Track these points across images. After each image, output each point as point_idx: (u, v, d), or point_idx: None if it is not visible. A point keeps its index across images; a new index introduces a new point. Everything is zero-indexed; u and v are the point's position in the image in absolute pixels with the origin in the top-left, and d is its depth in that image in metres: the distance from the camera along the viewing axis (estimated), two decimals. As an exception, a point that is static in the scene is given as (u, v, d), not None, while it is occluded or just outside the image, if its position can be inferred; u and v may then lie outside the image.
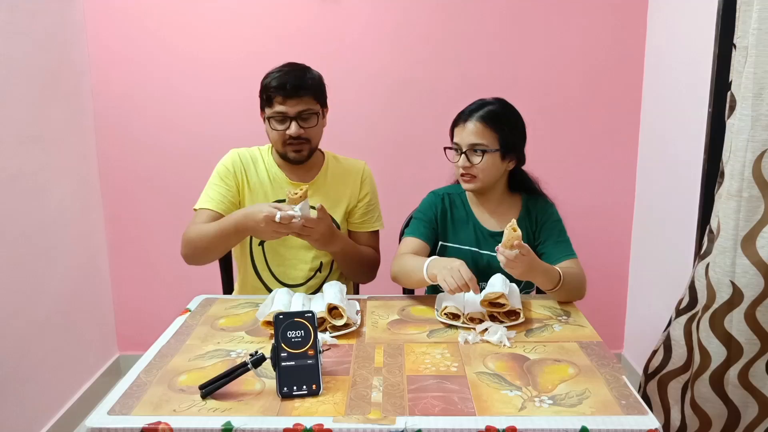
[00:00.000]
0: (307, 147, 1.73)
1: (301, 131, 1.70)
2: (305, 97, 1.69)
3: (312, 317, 1.21)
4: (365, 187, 1.87)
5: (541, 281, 1.55)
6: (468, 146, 1.65)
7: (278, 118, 1.70)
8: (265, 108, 1.72)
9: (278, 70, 1.71)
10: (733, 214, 1.49)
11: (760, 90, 1.42)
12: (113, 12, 2.51)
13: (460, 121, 1.68)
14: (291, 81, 1.67)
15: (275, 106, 1.68)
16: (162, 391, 1.17)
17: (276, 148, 1.77)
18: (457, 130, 1.68)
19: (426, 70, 2.55)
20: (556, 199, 1.80)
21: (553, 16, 2.52)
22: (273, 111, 1.69)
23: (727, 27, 1.90)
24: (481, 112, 1.65)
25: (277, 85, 1.67)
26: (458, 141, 1.67)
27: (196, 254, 1.70)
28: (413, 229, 1.76)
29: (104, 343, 2.73)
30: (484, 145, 1.64)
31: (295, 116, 1.69)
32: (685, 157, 2.21)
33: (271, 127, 1.72)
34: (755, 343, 1.51)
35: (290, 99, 1.67)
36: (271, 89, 1.68)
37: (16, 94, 2.11)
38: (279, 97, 1.67)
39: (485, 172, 1.66)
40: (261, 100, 1.73)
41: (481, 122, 1.64)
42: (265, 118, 1.74)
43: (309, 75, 1.72)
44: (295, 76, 1.68)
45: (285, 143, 1.72)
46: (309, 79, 1.71)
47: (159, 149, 2.62)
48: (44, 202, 2.27)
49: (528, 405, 1.11)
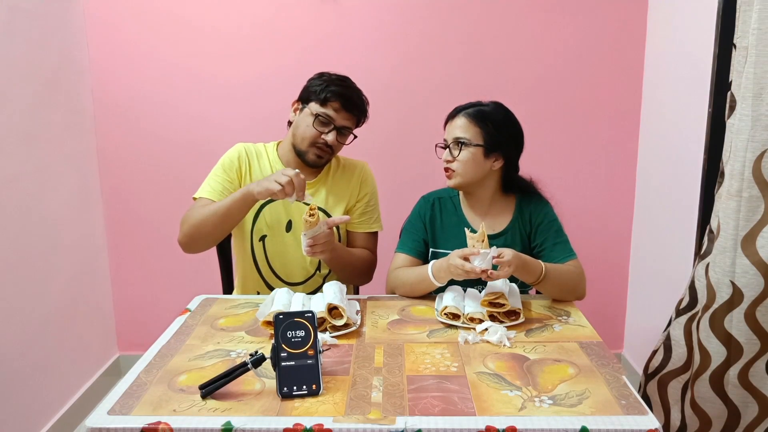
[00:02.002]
0: (328, 156, 1.77)
1: (335, 143, 1.73)
2: (353, 118, 1.75)
3: (312, 317, 1.21)
4: (365, 187, 1.88)
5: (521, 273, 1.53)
6: (453, 140, 1.67)
7: (323, 120, 1.71)
8: (314, 103, 1.72)
9: (341, 79, 1.76)
10: (733, 214, 1.49)
11: (760, 90, 1.42)
12: (113, 12, 2.51)
13: (448, 118, 1.72)
14: (354, 97, 1.74)
15: (328, 108, 1.71)
16: (162, 391, 1.17)
17: (299, 144, 1.76)
18: (447, 126, 1.71)
19: (425, 70, 2.55)
20: (556, 199, 1.79)
21: (554, 17, 2.52)
22: (323, 112, 1.71)
23: (727, 27, 1.90)
24: (470, 110, 1.68)
25: (341, 92, 1.71)
26: (446, 137, 1.71)
27: (196, 237, 1.69)
28: (403, 244, 1.76)
29: (104, 343, 2.73)
30: (467, 139, 1.65)
31: (339, 128, 1.73)
32: (685, 157, 2.21)
33: (310, 123, 1.72)
34: (755, 343, 1.51)
35: (345, 111, 1.73)
36: (333, 93, 1.70)
37: (17, 95, 2.11)
38: (337, 104, 1.71)
39: (465, 166, 1.66)
40: (310, 94, 1.74)
41: (467, 117, 1.67)
42: (304, 109, 1.74)
43: (365, 98, 1.78)
44: (357, 94, 1.76)
45: (314, 144, 1.73)
46: (365, 103, 1.78)
47: (159, 149, 2.62)
48: (44, 202, 2.27)
49: (528, 405, 1.11)
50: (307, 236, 1.58)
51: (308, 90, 1.75)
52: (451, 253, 1.52)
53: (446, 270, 1.53)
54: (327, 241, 1.61)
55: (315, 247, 1.60)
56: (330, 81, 1.73)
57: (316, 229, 1.58)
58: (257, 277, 1.83)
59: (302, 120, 1.74)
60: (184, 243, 1.72)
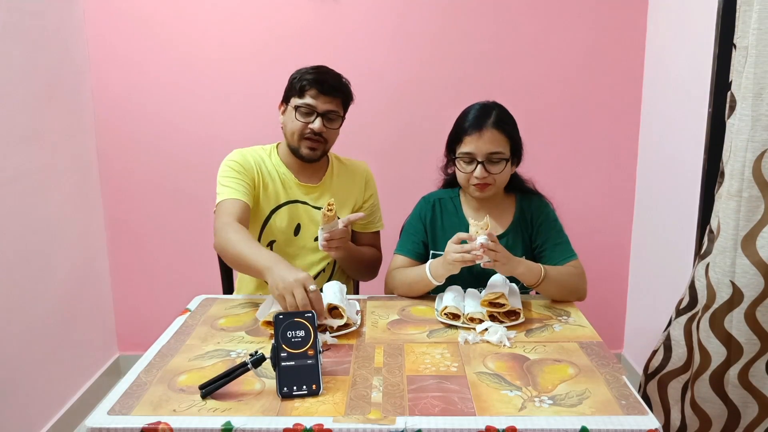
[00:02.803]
0: (322, 147, 1.75)
1: (324, 129, 1.72)
2: (336, 99, 1.73)
3: (312, 317, 1.21)
4: (369, 188, 1.90)
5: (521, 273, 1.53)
6: (485, 155, 1.60)
7: (305, 110, 1.71)
8: (293, 98, 1.72)
9: (314, 68, 1.74)
10: (733, 214, 1.49)
11: (760, 90, 1.42)
12: (113, 12, 2.51)
13: (472, 130, 1.61)
14: (329, 80, 1.71)
15: (306, 98, 1.70)
16: (162, 391, 1.17)
17: (291, 141, 1.76)
18: (470, 139, 1.61)
19: (425, 70, 2.55)
20: (556, 199, 1.79)
21: (553, 16, 2.52)
22: (303, 102, 1.70)
23: (727, 27, 1.90)
24: (493, 119, 1.62)
25: (315, 79, 1.70)
26: (472, 150, 1.61)
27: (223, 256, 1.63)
28: (402, 246, 1.75)
29: (104, 343, 2.73)
30: (502, 153, 1.61)
31: (323, 113, 1.71)
32: (685, 157, 2.20)
33: (294, 117, 1.72)
34: (755, 343, 1.51)
35: (324, 96, 1.70)
36: (307, 81, 1.70)
37: (17, 94, 2.10)
38: (314, 91, 1.70)
39: (502, 178, 1.65)
40: (289, 91, 1.74)
41: (496, 128, 1.61)
42: (287, 108, 1.74)
43: (344, 80, 1.77)
44: (332, 77, 1.73)
45: (303, 136, 1.72)
46: (344, 84, 1.76)
47: (159, 149, 2.62)
48: (44, 202, 2.27)
49: (528, 405, 1.11)
50: (325, 230, 1.60)
51: (288, 88, 1.76)
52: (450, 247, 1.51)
53: (443, 263, 1.52)
54: (343, 237, 1.63)
55: (332, 242, 1.61)
56: (304, 72, 1.73)
57: (333, 224, 1.60)
58: (261, 281, 1.82)
59: (288, 118, 1.75)
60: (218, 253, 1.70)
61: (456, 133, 1.67)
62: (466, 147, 1.62)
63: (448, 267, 1.52)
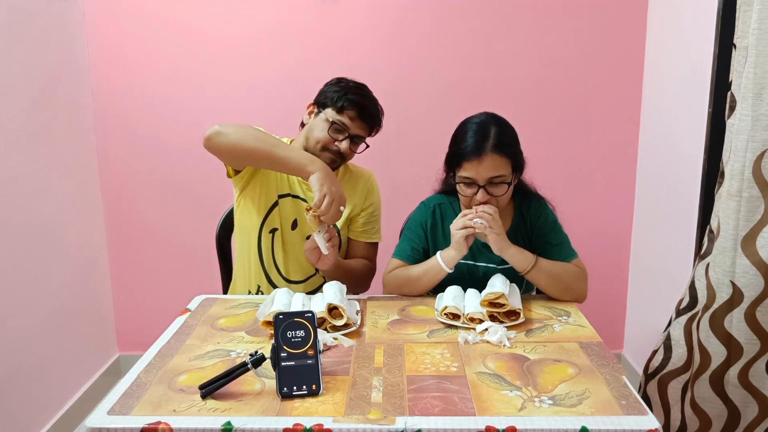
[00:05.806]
0: (340, 163, 1.76)
1: (348, 151, 1.73)
2: (367, 127, 1.75)
3: (312, 317, 1.21)
4: (371, 197, 1.88)
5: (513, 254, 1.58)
6: (486, 180, 1.57)
7: (338, 127, 1.71)
8: (330, 109, 1.71)
9: (358, 87, 1.75)
10: (733, 214, 1.49)
11: (760, 90, 1.42)
12: (113, 12, 2.51)
13: (471, 156, 1.55)
14: (370, 107, 1.73)
15: (344, 116, 1.70)
16: (162, 391, 1.17)
17: (312, 148, 1.73)
18: (469, 165, 1.56)
19: (425, 70, 2.55)
20: (556, 199, 1.78)
21: (553, 16, 2.52)
22: (339, 119, 1.70)
23: (727, 27, 1.90)
24: (492, 141, 1.55)
25: (357, 102, 1.70)
26: (472, 176, 1.57)
27: (233, 147, 1.68)
28: (401, 251, 1.74)
29: (104, 343, 2.73)
30: (503, 176, 1.58)
31: (353, 136, 1.72)
32: (685, 157, 2.21)
33: (325, 129, 1.71)
34: (755, 343, 1.51)
35: (360, 120, 1.72)
36: (351, 101, 1.70)
37: (17, 95, 2.11)
38: (353, 113, 1.70)
39: (505, 199, 1.62)
40: (326, 99, 1.73)
41: (496, 152, 1.55)
42: (319, 113, 1.73)
43: (381, 109, 1.78)
44: (374, 105, 1.76)
45: (326, 149, 1.72)
46: (380, 114, 1.78)
47: (159, 149, 2.62)
48: (44, 202, 2.27)
49: (528, 405, 1.11)
50: (321, 232, 1.60)
51: (325, 95, 1.74)
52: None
53: (452, 244, 1.59)
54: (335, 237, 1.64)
55: (333, 239, 1.62)
56: (348, 89, 1.72)
57: (325, 227, 1.60)
58: (260, 270, 1.82)
59: (317, 124, 1.73)
60: (210, 139, 1.71)
61: (454, 155, 1.61)
62: (466, 172, 1.58)
63: (456, 246, 1.57)
